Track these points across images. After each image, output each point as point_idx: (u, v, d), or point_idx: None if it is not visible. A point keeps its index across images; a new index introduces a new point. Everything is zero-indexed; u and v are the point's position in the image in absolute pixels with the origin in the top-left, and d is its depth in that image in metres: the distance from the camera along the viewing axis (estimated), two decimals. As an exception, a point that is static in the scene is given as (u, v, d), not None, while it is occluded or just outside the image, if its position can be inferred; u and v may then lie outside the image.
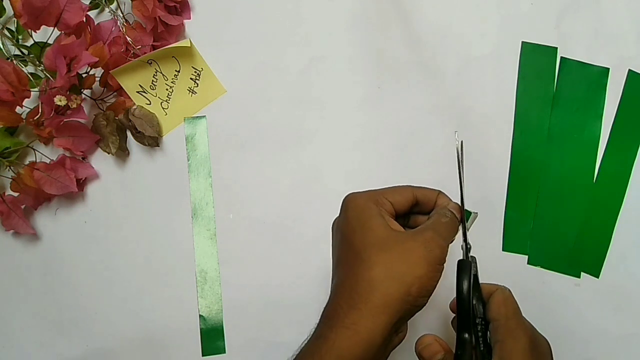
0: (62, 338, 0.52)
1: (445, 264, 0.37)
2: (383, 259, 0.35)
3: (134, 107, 0.54)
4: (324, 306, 0.37)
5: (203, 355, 0.52)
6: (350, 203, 0.39)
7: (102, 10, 0.55)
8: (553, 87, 0.55)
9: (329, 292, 0.38)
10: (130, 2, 0.53)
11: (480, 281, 0.40)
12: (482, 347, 0.38)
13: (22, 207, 0.52)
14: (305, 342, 0.37)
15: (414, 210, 0.41)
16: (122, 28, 0.53)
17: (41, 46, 0.53)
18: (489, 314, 0.38)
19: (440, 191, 0.41)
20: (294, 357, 0.37)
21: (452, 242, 0.38)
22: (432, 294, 0.36)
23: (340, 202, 0.40)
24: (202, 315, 0.52)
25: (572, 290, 0.52)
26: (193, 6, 0.56)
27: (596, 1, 0.57)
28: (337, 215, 0.40)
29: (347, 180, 0.54)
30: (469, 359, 0.37)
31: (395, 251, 0.35)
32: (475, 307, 0.39)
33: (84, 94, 0.53)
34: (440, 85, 0.55)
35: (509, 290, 0.40)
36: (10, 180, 0.51)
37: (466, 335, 0.38)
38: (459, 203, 0.40)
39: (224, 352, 0.52)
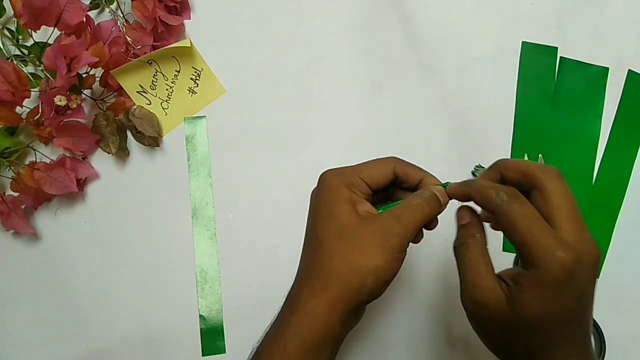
0: (62, 338, 0.52)
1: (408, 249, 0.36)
2: (342, 249, 0.35)
3: (134, 107, 0.54)
4: None
5: (203, 355, 0.52)
6: (324, 184, 0.38)
7: (102, 11, 0.55)
8: (553, 87, 0.56)
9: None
10: (131, 2, 0.53)
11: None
12: None
13: (22, 207, 0.52)
14: (271, 325, 0.37)
15: (400, 185, 0.39)
16: (122, 28, 0.53)
17: (41, 46, 0.53)
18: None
19: (428, 173, 0.38)
20: (261, 340, 0.37)
21: (419, 227, 0.36)
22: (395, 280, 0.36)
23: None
24: (202, 315, 0.52)
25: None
26: (193, 6, 0.56)
27: (596, 1, 0.57)
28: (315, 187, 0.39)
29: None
30: None
31: (354, 241, 0.35)
32: None
33: (84, 94, 0.53)
34: (440, 85, 0.55)
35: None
36: (11, 180, 0.51)
37: None
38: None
39: (224, 352, 0.52)
